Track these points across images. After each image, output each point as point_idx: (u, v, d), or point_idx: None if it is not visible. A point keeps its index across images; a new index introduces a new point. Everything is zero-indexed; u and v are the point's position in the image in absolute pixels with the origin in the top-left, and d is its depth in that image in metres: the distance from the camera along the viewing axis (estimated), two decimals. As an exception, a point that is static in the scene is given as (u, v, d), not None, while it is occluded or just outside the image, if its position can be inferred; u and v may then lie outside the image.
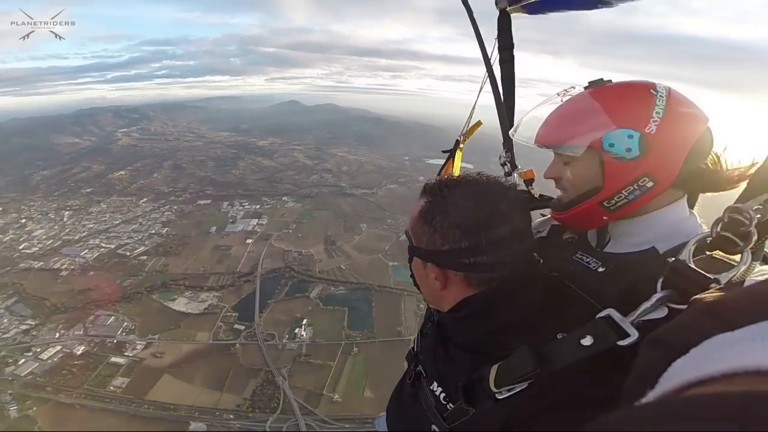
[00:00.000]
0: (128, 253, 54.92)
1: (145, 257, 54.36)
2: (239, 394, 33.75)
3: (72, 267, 51.13)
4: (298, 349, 38.84)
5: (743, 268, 0.92)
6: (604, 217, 1.25)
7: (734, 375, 0.32)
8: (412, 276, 1.37)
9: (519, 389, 0.96)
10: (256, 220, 67.02)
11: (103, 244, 57.21)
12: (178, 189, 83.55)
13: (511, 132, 1.64)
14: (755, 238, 0.92)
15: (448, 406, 1.17)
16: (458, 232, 1.09)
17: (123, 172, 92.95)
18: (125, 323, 41.12)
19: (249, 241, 59.32)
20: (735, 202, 0.98)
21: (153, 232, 61.97)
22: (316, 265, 53.95)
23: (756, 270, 0.94)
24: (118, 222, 65.13)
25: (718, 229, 0.96)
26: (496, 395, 0.98)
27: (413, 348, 1.56)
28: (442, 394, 1.21)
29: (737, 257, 0.95)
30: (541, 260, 1.22)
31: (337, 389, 34.91)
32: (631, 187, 1.18)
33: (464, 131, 2.35)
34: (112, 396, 32.98)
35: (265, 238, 60.63)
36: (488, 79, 2.21)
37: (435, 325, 1.35)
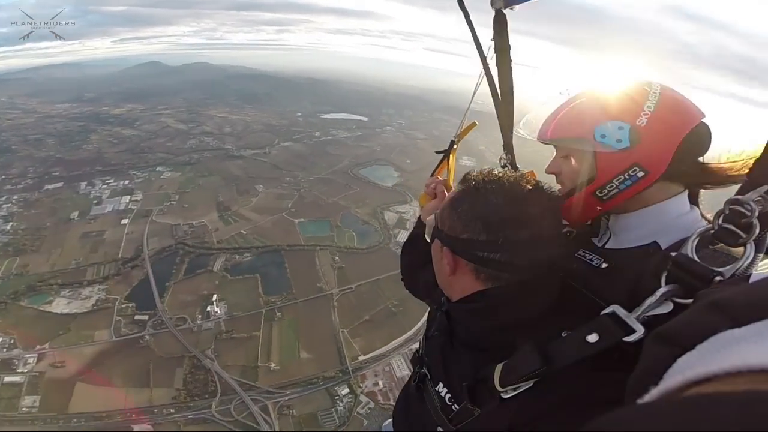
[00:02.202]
0: (-32, 260, 43.63)
1: (-7, 261, 43.88)
2: (170, 386, 31.40)
3: None
4: (217, 327, 36.84)
5: (747, 260, 0.92)
6: (598, 207, 1.30)
7: (738, 373, 0.31)
8: None
9: (524, 388, 0.97)
10: (128, 197, 57.99)
11: (-70, 255, 44.49)
12: (12, 175, 67.32)
13: (517, 128, 1.66)
14: (758, 229, 0.93)
15: (453, 407, 1.17)
16: (479, 224, 1.12)
17: (-74, 166, 72.19)
18: (0, 339, 34.44)
19: (125, 221, 51.38)
20: (735, 194, 0.99)
21: (-7, 230, 49.96)
22: (212, 236, 49.81)
23: (761, 263, 0.94)
24: (-62, 225, 51.06)
25: (720, 221, 0.98)
26: (501, 395, 0.99)
27: (418, 350, 1.58)
28: (448, 395, 1.21)
29: (741, 250, 0.95)
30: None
31: (272, 358, 34.35)
32: (622, 177, 1.23)
33: (459, 132, 2.30)
34: (31, 417, 28.64)
35: (144, 215, 53.11)
36: (486, 80, 2.23)
37: (443, 314, 1.33)
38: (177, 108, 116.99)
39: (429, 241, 1.36)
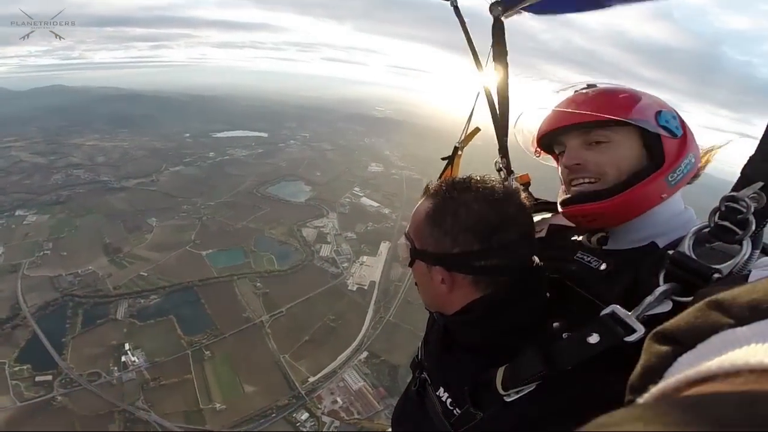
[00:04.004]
0: None
1: None
2: (107, 444, 29.38)
3: None
4: (140, 377, 34.92)
5: (744, 257, 0.97)
6: (663, 195, 1.29)
7: (739, 372, 0.33)
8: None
9: (527, 391, 1.02)
10: (-14, 251, 49.83)
11: None
12: None
13: (512, 130, 1.80)
14: (754, 226, 0.97)
15: (454, 411, 1.21)
16: (470, 235, 1.15)
17: None
18: None
19: (-13, 280, 44.26)
20: (730, 191, 1.04)
21: None
22: (106, 282, 45.75)
23: (758, 260, 0.99)
24: None
25: (716, 218, 1.03)
26: (504, 398, 1.04)
27: (417, 356, 1.61)
28: (449, 400, 1.25)
29: (737, 246, 1.00)
30: (541, 262, 1.29)
31: (214, 398, 33.68)
32: (686, 161, 1.29)
33: (462, 138, 2.40)
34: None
35: (11, 271, 46.39)
36: (482, 85, 2.28)
37: (440, 329, 1.37)
38: (30, 139, 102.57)
39: (407, 264, 1.34)
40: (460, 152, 2.42)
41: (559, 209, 1.50)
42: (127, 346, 37.60)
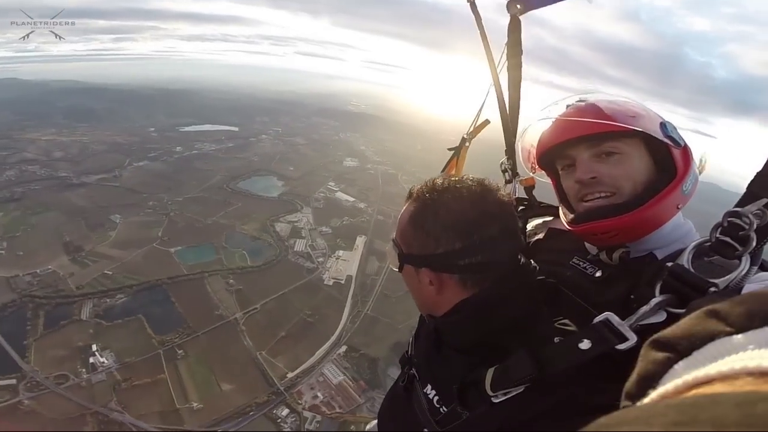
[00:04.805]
0: None
1: None
2: (85, 447, 28.69)
3: None
4: (111, 378, 34.20)
5: (742, 273, 1.00)
6: (679, 205, 1.30)
7: (736, 375, 0.34)
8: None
9: (515, 393, 1.03)
10: (-67, 252, 47.02)
11: None
12: None
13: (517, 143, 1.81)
14: (754, 242, 1.00)
15: (441, 409, 1.23)
16: (451, 234, 1.18)
17: None
18: None
19: (-65, 282, 41.84)
20: (734, 206, 1.06)
21: None
22: (68, 282, 44.02)
23: (755, 275, 1.01)
24: None
25: (717, 233, 1.06)
26: (492, 399, 1.04)
27: (407, 351, 1.62)
28: (436, 398, 1.27)
29: (736, 262, 1.03)
30: (537, 266, 1.31)
31: (190, 397, 33.39)
32: (693, 170, 1.31)
33: (470, 129, 2.39)
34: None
35: (-36, 272, 43.87)
36: (493, 84, 2.24)
37: (431, 330, 1.37)
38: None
39: (397, 269, 1.35)
40: (467, 143, 2.41)
41: (567, 227, 1.47)
42: (94, 347, 36.54)
